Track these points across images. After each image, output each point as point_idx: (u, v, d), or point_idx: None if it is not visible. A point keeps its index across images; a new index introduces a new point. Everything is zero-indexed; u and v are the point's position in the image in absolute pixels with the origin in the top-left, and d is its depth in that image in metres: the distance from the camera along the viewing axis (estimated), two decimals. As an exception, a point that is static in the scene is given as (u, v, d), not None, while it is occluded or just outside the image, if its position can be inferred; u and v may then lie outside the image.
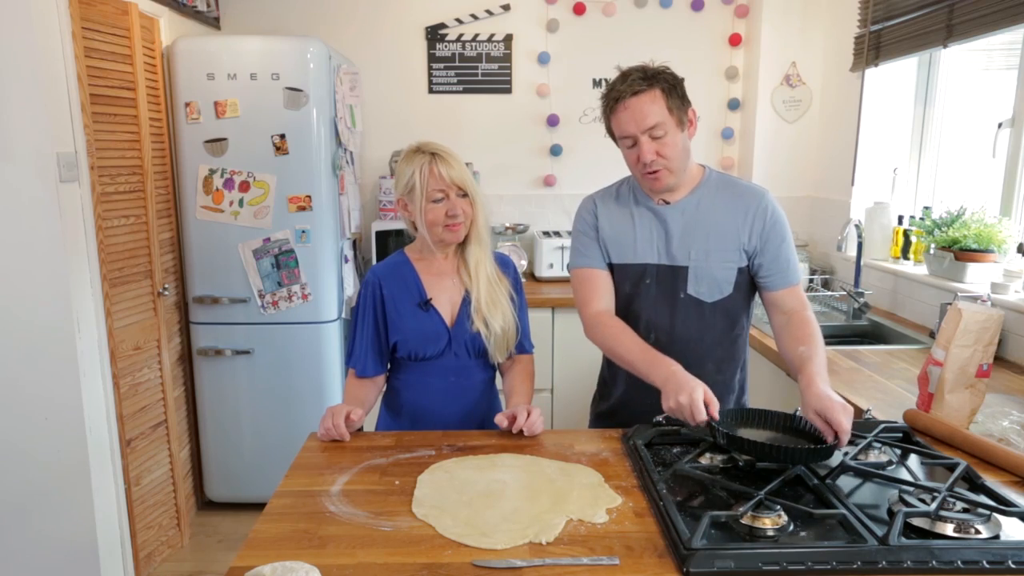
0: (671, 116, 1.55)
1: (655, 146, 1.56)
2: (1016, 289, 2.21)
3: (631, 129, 1.56)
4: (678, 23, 3.59)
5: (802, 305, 1.65)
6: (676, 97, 1.57)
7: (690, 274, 1.65)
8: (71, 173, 2.20)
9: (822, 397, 1.36)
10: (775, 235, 1.64)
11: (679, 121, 1.58)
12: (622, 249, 1.70)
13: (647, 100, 1.54)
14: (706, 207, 1.65)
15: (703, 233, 1.64)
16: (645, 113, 1.54)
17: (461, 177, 1.62)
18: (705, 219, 1.65)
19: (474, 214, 1.65)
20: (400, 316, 1.68)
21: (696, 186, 1.67)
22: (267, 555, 1.08)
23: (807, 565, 1.02)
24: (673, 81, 1.58)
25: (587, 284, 1.71)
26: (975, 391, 1.56)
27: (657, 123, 1.54)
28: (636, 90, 1.54)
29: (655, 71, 1.57)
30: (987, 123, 2.50)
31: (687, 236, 1.65)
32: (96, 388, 2.32)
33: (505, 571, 1.04)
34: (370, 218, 3.57)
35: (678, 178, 1.62)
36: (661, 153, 1.56)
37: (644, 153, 1.56)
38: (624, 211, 1.71)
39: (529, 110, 3.66)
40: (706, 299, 1.65)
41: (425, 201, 1.60)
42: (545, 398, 3.23)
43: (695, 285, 1.65)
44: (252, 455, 3.08)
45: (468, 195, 1.63)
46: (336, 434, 1.51)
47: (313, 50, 2.87)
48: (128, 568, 2.53)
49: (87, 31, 2.29)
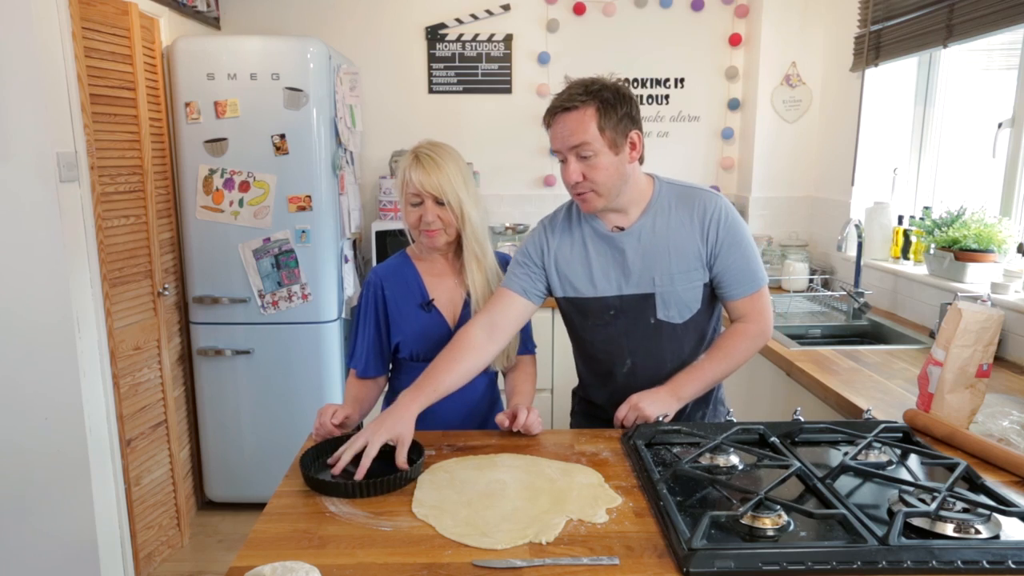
0: (602, 137, 1.45)
1: (581, 167, 1.47)
2: (1016, 289, 2.21)
3: (557, 145, 1.49)
4: (678, 23, 3.59)
5: (753, 314, 1.58)
6: (613, 117, 1.45)
7: (658, 300, 1.57)
8: (71, 173, 2.20)
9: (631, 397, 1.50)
10: (730, 241, 1.55)
11: (612, 143, 1.46)
12: (579, 283, 1.61)
13: (575, 117, 1.45)
14: (662, 228, 1.56)
15: (664, 256, 1.56)
16: (571, 130, 1.46)
17: (437, 186, 1.56)
18: (663, 241, 1.56)
19: (460, 222, 1.61)
20: (402, 317, 1.68)
21: (647, 206, 1.57)
22: (267, 555, 1.08)
23: (807, 565, 1.02)
24: (615, 100, 1.46)
25: (491, 300, 1.62)
26: (975, 391, 1.56)
27: (582, 143, 1.45)
28: (567, 105, 1.46)
29: (600, 86, 1.47)
30: (987, 123, 2.50)
31: (648, 262, 1.56)
32: (96, 388, 2.32)
33: (505, 571, 1.04)
34: (370, 218, 3.57)
35: (610, 202, 1.53)
36: (587, 175, 1.48)
37: (569, 173, 1.48)
38: (577, 241, 1.61)
39: (529, 110, 3.65)
40: (677, 320, 1.59)
41: (405, 204, 1.62)
42: (545, 398, 3.23)
43: (664, 310, 1.58)
44: (252, 455, 3.08)
45: (446, 204, 1.59)
46: (325, 433, 1.51)
47: (313, 50, 2.87)
48: (128, 568, 2.53)
49: (87, 31, 2.29)
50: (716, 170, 3.76)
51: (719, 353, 1.58)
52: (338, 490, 1.28)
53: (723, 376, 1.61)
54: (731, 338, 1.59)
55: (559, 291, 1.65)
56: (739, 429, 1.46)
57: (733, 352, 1.58)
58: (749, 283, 1.58)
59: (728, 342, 1.59)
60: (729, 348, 1.58)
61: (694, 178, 3.69)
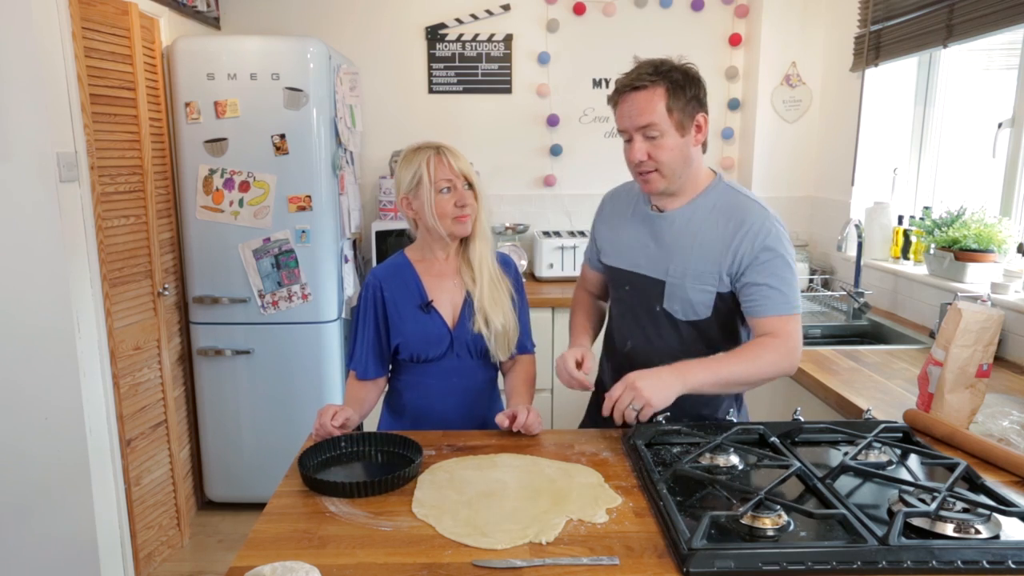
0: (670, 117, 1.46)
1: (647, 147, 1.48)
2: (1016, 289, 2.21)
3: (624, 124, 1.51)
4: (678, 23, 3.59)
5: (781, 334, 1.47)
6: (682, 98, 1.46)
7: (666, 290, 1.57)
8: (71, 173, 2.20)
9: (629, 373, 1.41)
10: (763, 259, 1.48)
11: (679, 125, 1.47)
12: (612, 252, 1.69)
13: (645, 97, 1.46)
14: (698, 223, 1.55)
15: (685, 251, 1.55)
16: (640, 110, 1.46)
17: (467, 169, 1.64)
18: (692, 236, 1.54)
19: (478, 208, 1.66)
20: (401, 318, 1.68)
21: (696, 197, 1.57)
22: (267, 555, 1.08)
23: (807, 565, 1.02)
24: (684, 81, 1.47)
25: (582, 275, 1.88)
26: (975, 391, 1.56)
27: (651, 123, 1.46)
28: (637, 84, 1.47)
29: (669, 66, 1.48)
30: (987, 123, 2.50)
31: (669, 251, 1.56)
32: (96, 388, 2.32)
33: (505, 571, 1.04)
34: (370, 218, 3.57)
35: (672, 184, 1.53)
36: (653, 155, 1.48)
37: (633, 152, 1.50)
38: (625, 212, 1.68)
39: (529, 110, 3.66)
40: (679, 317, 1.58)
41: (434, 193, 1.61)
42: (545, 398, 3.23)
43: (669, 302, 1.58)
44: (252, 455, 3.08)
45: (473, 187, 1.65)
46: (325, 434, 1.51)
47: (313, 50, 2.87)
48: (128, 568, 2.53)
49: (87, 31, 2.29)
50: (716, 170, 3.75)
51: (741, 353, 1.47)
52: (338, 490, 1.28)
53: (740, 379, 1.46)
54: (756, 345, 1.49)
55: (600, 254, 1.74)
56: (739, 429, 1.46)
57: (755, 358, 1.46)
58: (780, 304, 1.49)
59: (752, 347, 1.49)
60: (752, 352, 1.47)
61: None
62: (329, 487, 1.28)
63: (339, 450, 1.46)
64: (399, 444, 1.46)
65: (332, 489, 1.28)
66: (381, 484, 1.28)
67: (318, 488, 1.29)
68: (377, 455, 1.46)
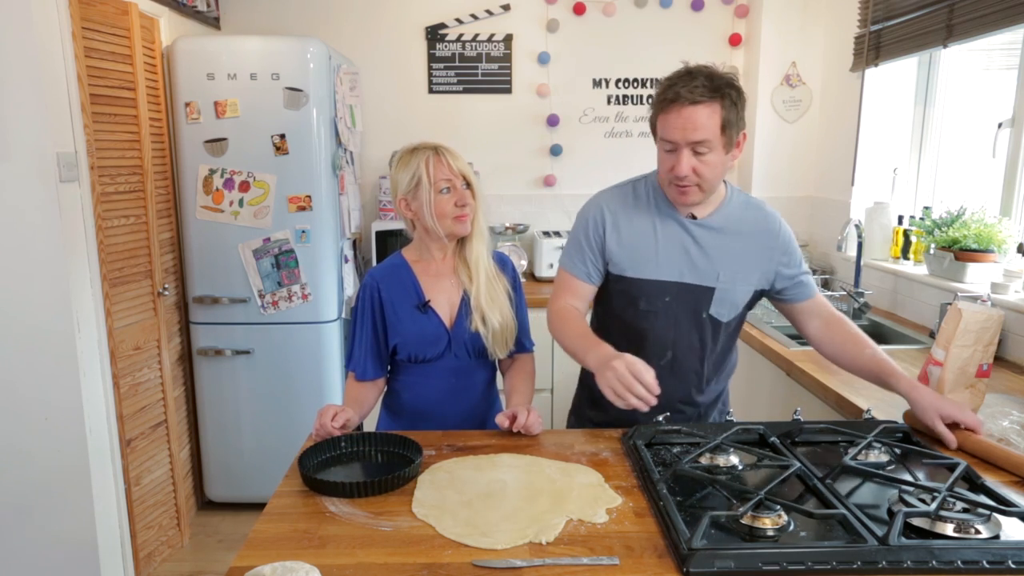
0: (722, 136, 1.45)
1: (694, 161, 1.46)
2: (1016, 289, 2.21)
3: (675, 136, 1.46)
4: (678, 23, 3.59)
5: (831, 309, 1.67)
6: (735, 116, 1.46)
7: (716, 295, 1.59)
8: (71, 173, 2.20)
9: (943, 402, 1.44)
10: (795, 255, 1.65)
11: (728, 142, 1.47)
12: (640, 263, 1.60)
13: (705, 113, 1.43)
14: (734, 228, 1.60)
15: (733, 255, 1.59)
16: (697, 126, 1.43)
17: (465, 168, 1.64)
18: (734, 241, 1.59)
19: (476, 207, 1.66)
20: (399, 319, 1.68)
21: (722, 204, 1.61)
22: (267, 555, 1.08)
23: (807, 565, 1.02)
24: (737, 97, 1.47)
25: (566, 287, 1.66)
26: (975, 391, 1.56)
27: (705, 139, 1.44)
28: (697, 99, 1.43)
29: (725, 81, 1.45)
30: (987, 123, 2.50)
31: (717, 257, 1.58)
32: (96, 388, 2.32)
33: (505, 571, 1.04)
34: (370, 218, 3.57)
35: (706, 197, 1.56)
36: (698, 170, 1.47)
37: (681, 166, 1.46)
38: (645, 220, 1.61)
39: (529, 110, 3.66)
40: (724, 319, 1.63)
41: (433, 193, 1.61)
42: (545, 398, 3.23)
43: (717, 307, 1.60)
44: (252, 455, 3.08)
45: (471, 187, 1.65)
46: (325, 434, 1.51)
47: (313, 50, 2.87)
48: (128, 568, 2.53)
49: (87, 31, 2.29)
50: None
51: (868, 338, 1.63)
52: (338, 490, 1.28)
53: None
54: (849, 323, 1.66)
55: (616, 269, 1.63)
56: (739, 429, 1.46)
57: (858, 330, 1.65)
58: (812, 287, 1.67)
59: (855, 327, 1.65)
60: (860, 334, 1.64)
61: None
62: (329, 487, 1.28)
63: (339, 450, 1.46)
64: (399, 444, 1.46)
65: (332, 489, 1.28)
66: (381, 484, 1.28)
67: (318, 488, 1.29)
68: (377, 455, 1.46)
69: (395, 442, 1.47)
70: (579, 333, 1.55)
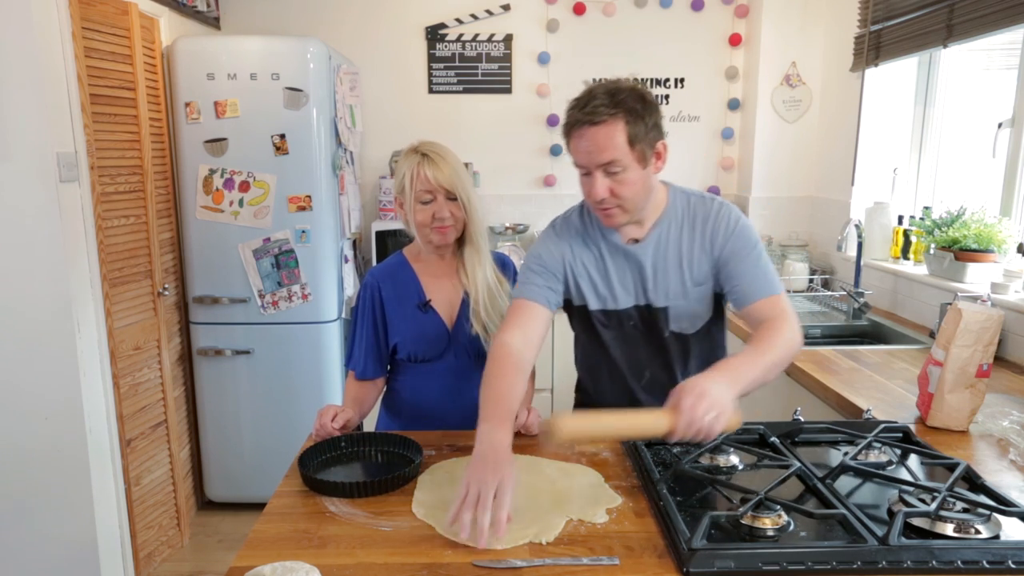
0: (631, 151, 1.36)
1: (609, 183, 1.39)
2: (1016, 289, 2.21)
3: (583, 160, 1.40)
4: (678, 23, 3.59)
5: (778, 313, 1.41)
6: (643, 128, 1.36)
7: (671, 312, 1.53)
8: (71, 173, 2.20)
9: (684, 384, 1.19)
10: (737, 250, 1.47)
11: (641, 157, 1.38)
12: (601, 295, 1.56)
13: (605, 133, 1.35)
14: (674, 239, 1.51)
15: (675, 270, 1.51)
16: (601, 147, 1.35)
17: (450, 180, 1.57)
18: (675, 254, 1.51)
19: (466, 218, 1.63)
20: (399, 318, 1.67)
21: (660, 217, 1.51)
22: (267, 555, 1.08)
23: (807, 565, 1.02)
24: (642, 109, 1.36)
25: (515, 312, 1.51)
26: (975, 391, 1.56)
27: (613, 159, 1.36)
28: (595, 120, 1.34)
29: (624, 94, 1.36)
30: (987, 123, 2.50)
31: (660, 276, 1.52)
32: (96, 388, 2.32)
33: (505, 571, 1.04)
34: (370, 218, 3.57)
35: (634, 216, 1.46)
36: (616, 192, 1.39)
37: (596, 190, 1.39)
38: (594, 251, 1.55)
39: (529, 110, 3.66)
40: (690, 331, 1.56)
41: (414, 202, 1.60)
42: (545, 398, 3.23)
43: (677, 323, 1.55)
44: (252, 455, 3.08)
45: (458, 199, 1.60)
46: (325, 435, 1.51)
47: (313, 50, 2.87)
48: (128, 568, 2.53)
49: (87, 31, 2.29)
50: (716, 170, 3.75)
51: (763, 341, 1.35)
52: (338, 490, 1.28)
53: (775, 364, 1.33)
54: (769, 329, 1.37)
55: (579, 300, 1.58)
56: (739, 429, 1.46)
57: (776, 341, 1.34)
58: (765, 287, 1.45)
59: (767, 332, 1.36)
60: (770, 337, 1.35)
61: (694, 178, 3.73)
62: (329, 487, 1.28)
63: (339, 450, 1.46)
64: (399, 444, 1.46)
65: (332, 489, 1.28)
66: (381, 484, 1.28)
67: (318, 488, 1.29)
68: (377, 455, 1.46)
69: (395, 442, 1.47)
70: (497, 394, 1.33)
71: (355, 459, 1.45)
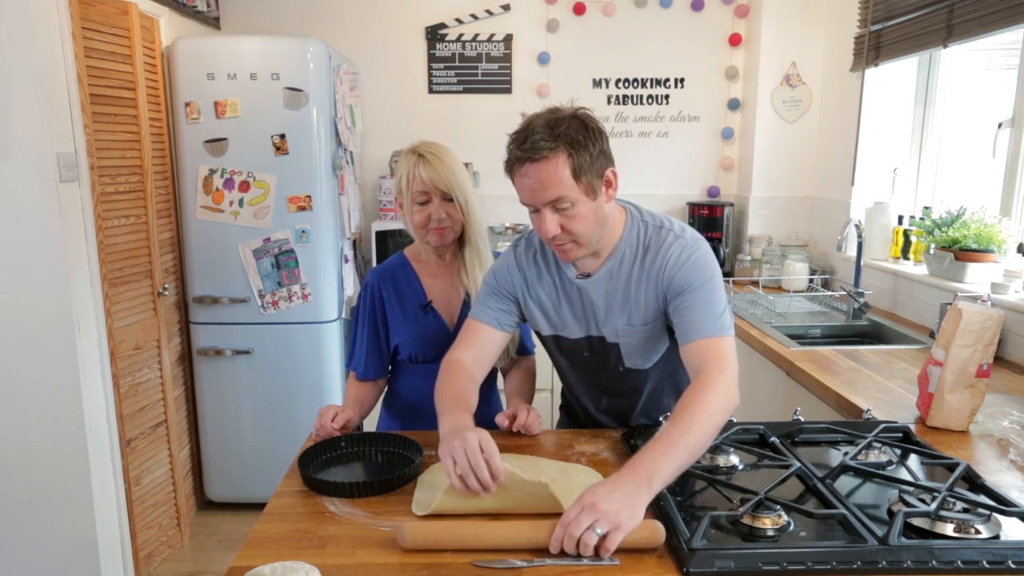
0: (578, 184, 1.28)
1: (559, 219, 1.31)
2: (1016, 289, 2.21)
3: (528, 199, 1.33)
4: (678, 23, 3.59)
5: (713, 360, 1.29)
6: (587, 158, 1.28)
7: (623, 349, 1.47)
8: (71, 173, 2.20)
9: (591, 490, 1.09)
10: (684, 286, 1.37)
11: (589, 189, 1.29)
12: (556, 323, 1.51)
13: (548, 169, 1.27)
14: (625, 274, 1.43)
15: (624, 306, 1.43)
16: (544, 184, 1.27)
17: (446, 181, 1.56)
18: (623, 290, 1.43)
19: (465, 219, 1.62)
20: (400, 319, 1.67)
21: (613, 250, 1.43)
22: (267, 555, 1.08)
23: (807, 565, 1.02)
24: (584, 138, 1.28)
25: (467, 332, 1.51)
26: (975, 391, 1.56)
27: (559, 196, 1.28)
28: (535, 156, 1.27)
29: (564, 125, 1.28)
30: (987, 123, 2.50)
31: (610, 312, 1.45)
32: (96, 388, 2.32)
33: (505, 571, 1.04)
34: (370, 218, 3.57)
35: (590, 249, 1.38)
36: (567, 227, 1.31)
37: (545, 227, 1.31)
38: (548, 282, 1.50)
39: (529, 110, 3.61)
40: (645, 366, 1.50)
41: (411, 203, 1.60)
42: (545, 398, 3.23)
43: (630, 359, 1.49)
44: (252, 455, 3.08)
45: (455, 200, 1.59)
46: (325, 435, 1.51)
47: (313, 50, 2.87)
48: (128, 568, 2.53)
49: (87, 31, 2.29)
50: (716, 170, 3.75)
51: (684, 417, 1.20)
52: (338, 490, 1.28)
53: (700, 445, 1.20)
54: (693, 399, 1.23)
55: (535, 326, 1.55)
56: (739, 429, 1.46)
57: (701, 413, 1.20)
58: (706, 327, 1.33)
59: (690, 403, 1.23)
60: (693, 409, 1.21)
61: (694, 178, 3.72)
62: (329, 487, 1.28)
63: (339, 450, 1.46)
64: (399, 444, 1.46)
65: (332, 489, 1.28)
66: (381, 484, 1.28)
67: (318, 488, 1.29)
68: (377, 455, 1.46)
69: (395, 442, 1.47)
70: (453, 393, 1.36)
71: (355, 459, 1.45)
